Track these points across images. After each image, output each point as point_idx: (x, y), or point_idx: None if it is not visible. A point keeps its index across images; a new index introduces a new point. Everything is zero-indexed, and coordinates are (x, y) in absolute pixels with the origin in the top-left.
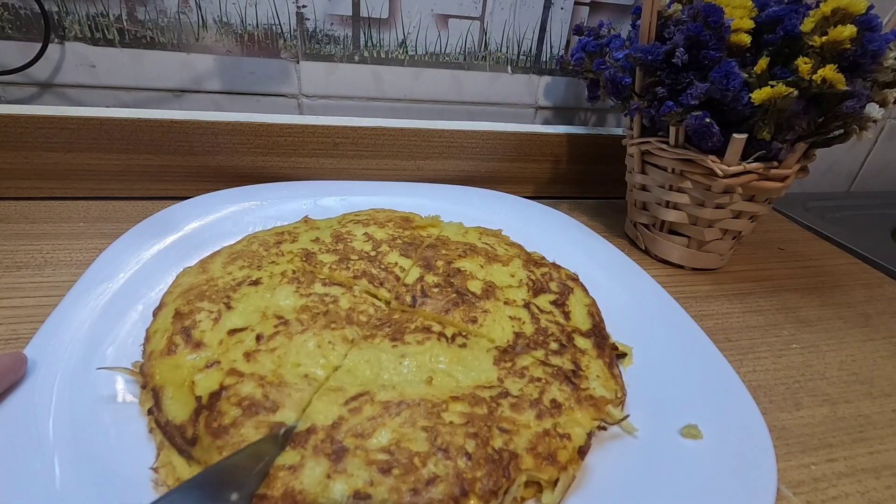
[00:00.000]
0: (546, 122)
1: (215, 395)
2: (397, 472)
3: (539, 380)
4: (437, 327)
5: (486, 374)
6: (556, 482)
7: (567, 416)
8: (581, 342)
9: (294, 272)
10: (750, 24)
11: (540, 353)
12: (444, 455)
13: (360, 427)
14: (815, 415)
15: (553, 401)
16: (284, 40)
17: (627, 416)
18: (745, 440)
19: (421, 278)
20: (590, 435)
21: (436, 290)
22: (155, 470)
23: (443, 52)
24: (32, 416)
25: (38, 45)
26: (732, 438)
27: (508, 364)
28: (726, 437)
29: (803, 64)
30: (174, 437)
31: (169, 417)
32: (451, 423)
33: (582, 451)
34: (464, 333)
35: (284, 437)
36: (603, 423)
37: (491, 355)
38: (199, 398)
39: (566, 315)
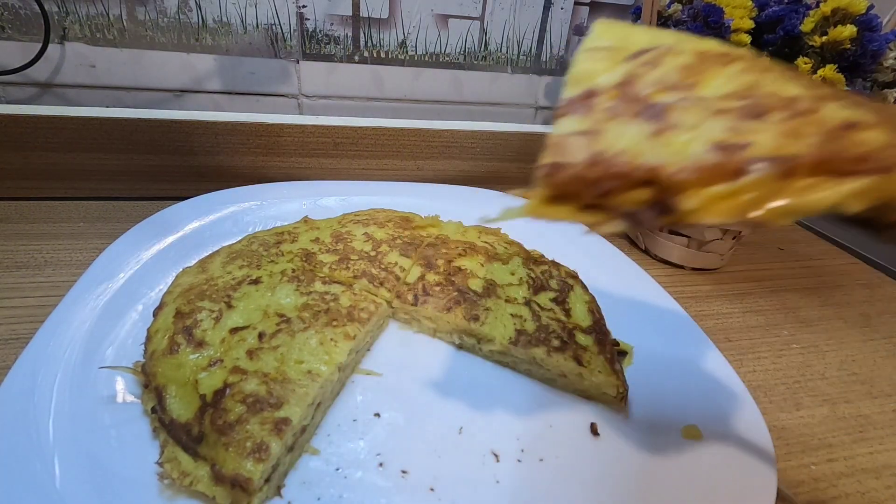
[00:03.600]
0: (546, 122)
1: (220, 393)
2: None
3: None
4: None
5: None
6: None
7: None
8: (582, 339)
9: (294, 270)
10: (750, 24)
11: (541, 350)
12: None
13: (666, 78)
14: (815, 415)
15: None
16: (284, 40)
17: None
18: (745, 440)
19: (422, 277)
20: None
21: (437, 288)
22: (160, 464)
23: (443, 52)
24: (32, 416)
25: (38, 46)
26: (732, 438)
27: None
28: (726, 437)
29: (803, 64)
30: (179, 435)
31: (173, 416)
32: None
33: None
34: None
35: None
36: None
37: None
38: (203, 396)
39: (567, 312)
